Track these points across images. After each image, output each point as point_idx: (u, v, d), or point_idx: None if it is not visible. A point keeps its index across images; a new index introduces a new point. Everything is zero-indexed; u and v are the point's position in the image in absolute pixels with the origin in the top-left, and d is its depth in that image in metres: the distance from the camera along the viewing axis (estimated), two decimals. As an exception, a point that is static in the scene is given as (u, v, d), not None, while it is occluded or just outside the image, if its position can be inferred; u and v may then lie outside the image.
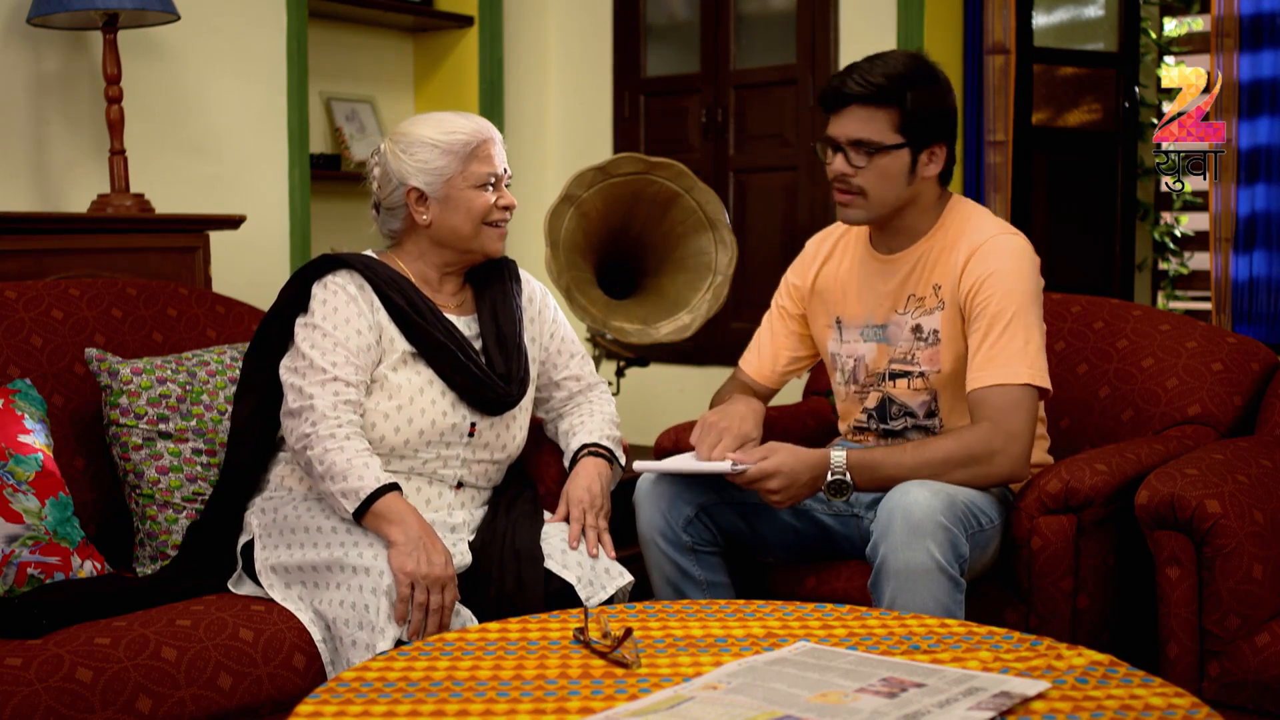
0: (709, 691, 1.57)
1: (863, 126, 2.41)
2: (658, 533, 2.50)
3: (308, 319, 2.35)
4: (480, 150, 2.39)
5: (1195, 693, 2.21)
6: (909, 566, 2.19)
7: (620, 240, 3.62)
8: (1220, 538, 2.24)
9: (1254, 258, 3.84)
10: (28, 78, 3.26)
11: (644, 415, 4.27)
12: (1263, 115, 3.80)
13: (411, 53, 4.73)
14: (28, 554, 2.21)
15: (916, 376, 2.51)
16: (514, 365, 2.45)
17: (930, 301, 2.49)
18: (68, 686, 1.90)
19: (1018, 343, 2.34)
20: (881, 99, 2.39)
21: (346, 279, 2.37)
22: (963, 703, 1.51)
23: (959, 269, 2.43)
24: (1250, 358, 2.81)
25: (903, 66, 2.41)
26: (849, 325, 2.61)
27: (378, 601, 2.11)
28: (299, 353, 2.32)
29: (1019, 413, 2.32)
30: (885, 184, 2.44)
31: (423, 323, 2.37)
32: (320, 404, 2.27)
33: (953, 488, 2.28)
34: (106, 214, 3.14)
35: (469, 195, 2.38)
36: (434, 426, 2.36)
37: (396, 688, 1.62)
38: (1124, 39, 4.40)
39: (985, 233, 2.44)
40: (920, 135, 2.42)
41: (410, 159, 2.38)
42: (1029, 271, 2.42)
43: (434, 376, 2.38)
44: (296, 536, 2.28)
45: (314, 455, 2.24)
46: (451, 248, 2.43)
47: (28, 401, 2.37)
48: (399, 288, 2.38)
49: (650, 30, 4.76)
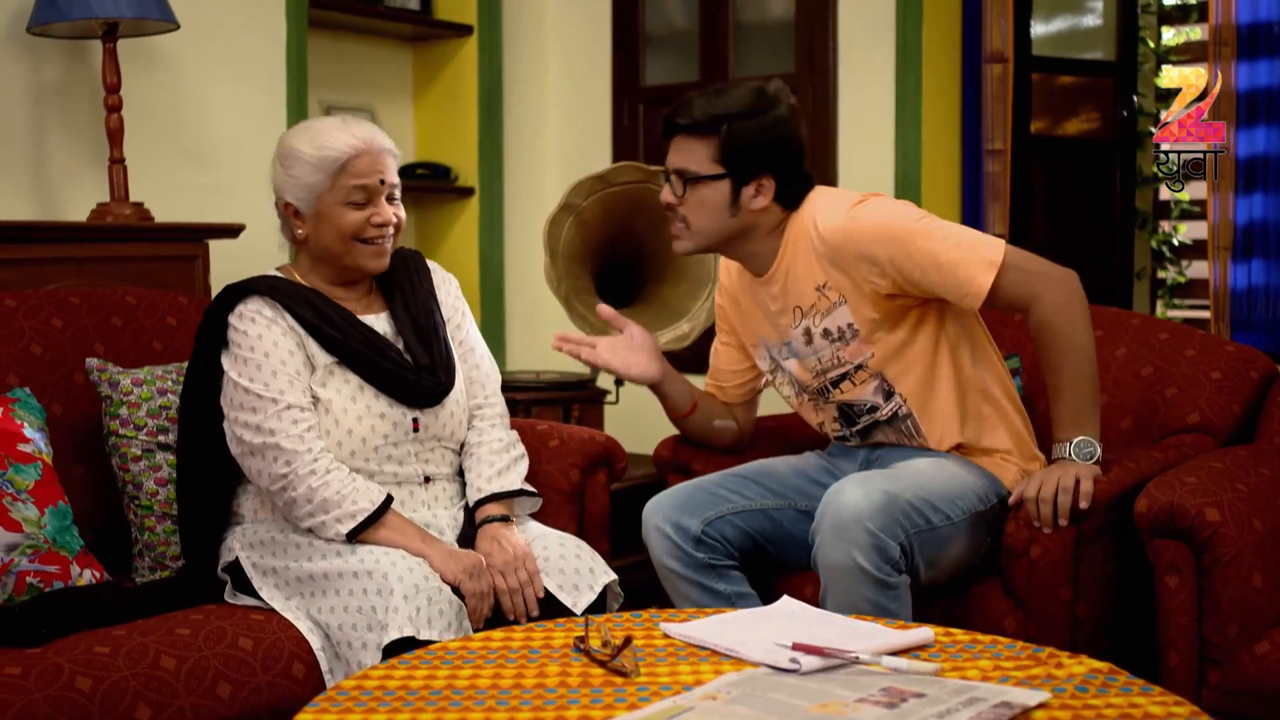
0: (708, 702, 1.56)
1: (685, 157, 2.47)
2: (673, 559, 2.49)
3: (236, 353, 2.31)
4: (352, 165, 2.32)
5: (1195, 701, 2.21)
6: (835, 566, 2.23)
7: (619, 249, 3.62)
8: (1219, 546, 2.24)
9: (1252, 266, 3.85)
10: (27, 86, 3.26)
11: (642, 425, 4.25)
12: (1260, 124, 3.81)
13: (411, 62, 4.73)
14: (27, 562, 2.21)
15: (856, 370, 2.51)
16: (436, 354, 2.43)
17: (823, 303, 2.48)
18: (67, 695, 1.90)
19: (961, 245, 2.36)
20: (701, 130, 2.44)
21: (259, 305, 2.33)
22: (963, 713, 1.51)
23: (845, 262, 2.42)
24: (1249, 366, 2.81)
25: (734, 99, 2.44)
26: (770, 344, 2.64)
27: (384, 601, 2.10)
28: (240, 388, 2.29)
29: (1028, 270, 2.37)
30: (705, 214, 2.48)
31: (337, 333, 2.34)
32: (286, 441, 2.25)
33: (904, 485, 2.30)
34: (106, 223, 3.14)
35: (338, 212, 2.33)
36: (375, 431, 2.35)
37: (396, 696, 1.62)
38: (1122, 48, 4.40)
39: (833, 224, 2.43)
40: (741, 167, 2.44)
41: (285, 172, 2.35)
42: (889, 209, 2.44)
43: (362, 383, 2.35)
44: (289, 553, 2.28)
45: (299, 495, 2.24)
46: (330, 264, 2.40)
47: (27, 410, 2.37)
48: (307, 301, 2.35)
49: (649, 39, 4.77)
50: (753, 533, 2.54)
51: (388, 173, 2.36)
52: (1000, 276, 2.36)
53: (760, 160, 2.44)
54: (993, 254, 2.37)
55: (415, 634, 2.06)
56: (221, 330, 2.34)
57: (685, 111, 2.46)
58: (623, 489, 3.57)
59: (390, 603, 2.09)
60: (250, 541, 2.33)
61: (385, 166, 2.36)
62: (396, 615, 2.08)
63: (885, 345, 2.48)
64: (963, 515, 2.38)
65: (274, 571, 2.27)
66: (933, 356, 2.49)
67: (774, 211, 2.49)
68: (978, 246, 2.38)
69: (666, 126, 2.50)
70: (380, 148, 2.36)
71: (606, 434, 2.81)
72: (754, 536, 2.54)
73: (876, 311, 2.45)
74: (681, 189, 2.47)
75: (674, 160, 2.49)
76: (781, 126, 2.46)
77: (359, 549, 2.21)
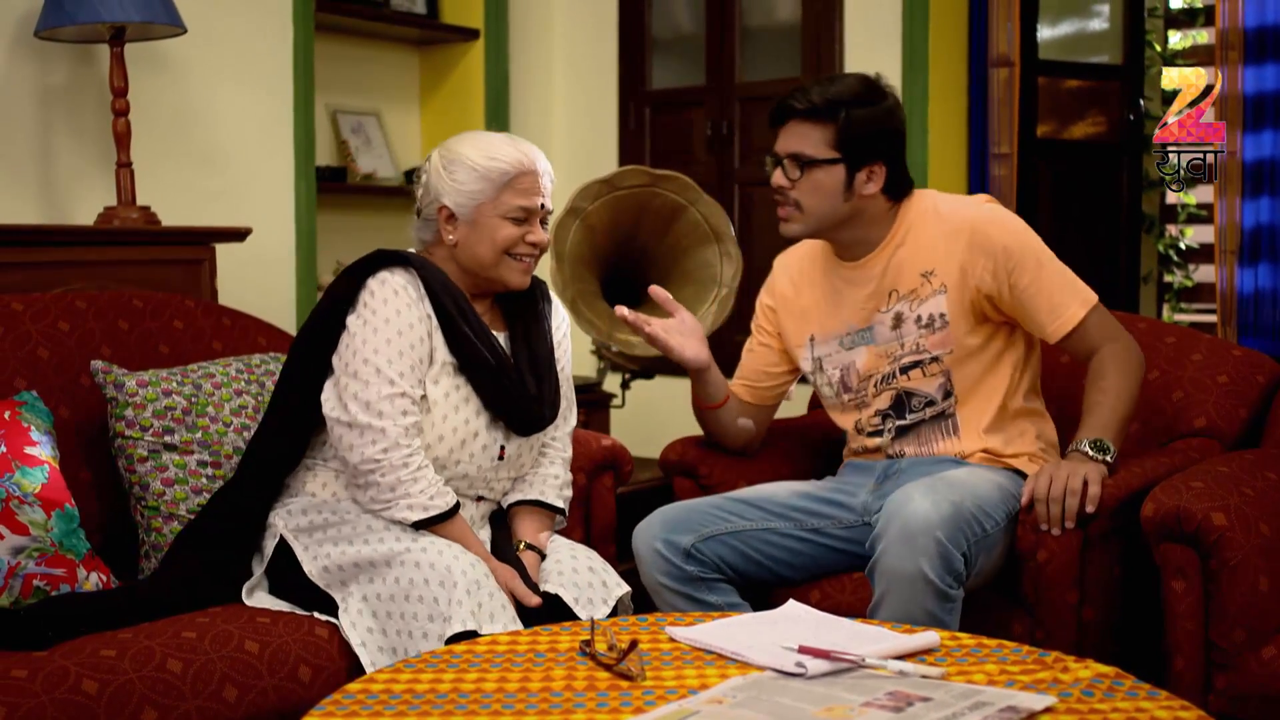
0: (714, 706, 1.56)
1: (800, 141, 2.52)
2: (663, 574, 2.49)
3: (364, 316, 2.28)
4: (518, 182, 2.34)
5: (1201, 706, 2.21)
6: (898, 573, 2.23)
7: (625, 253, 3.63)
8: (1226, 550, 2.23)
9: (1259, 270, 3.85)
10: (35, 90, 3.27)
11: (649, 428, 4.26)
12: (1267, 128, 3.81)
13: (417, 66, 4.74)
14: (34, 566, 2.21)
15: (930, 362, 2.56)
16: (546, 387, 2.42)
17: (924, 289, 2.54)
18: (73, 698, 1.90)
19: (1066, 274, 2.52)
20: (819, 115, 2.50)
21: (405, 279, 2.31)
22: (969, 717, 1.51)
23: (962, 251, 2.51)
24: (1255, 370, 2.81)
25: (846, 87, 2.52)
26: (824, 339, 2.66)
27: (447, 594, 2.10)
28: (360, 357, 2.26)
29: (1109, 320, 2.54)
30: (819, 198, 2.53)
31: (470, 334, 2.32)
32: (391, 429, 2.23)
33: (961, 494, 2.30)
34: (113, 226, 3.15)
35: (496, 224, 2.34)
36: (464, 446, 2.34)
37: (402, 699, 1.62)
38: (1128, 51, 4.40)
39: (968, 211, 2.55)
40: (856, 153, 2.50)
41: (448, 177, 2.34)
42: (1020, 222, 2.57)
43: (471, 393, 2.33)
44: (342, 533, 2.26)
45: (384, 482, 2.23)
46: (472, 273, 2.38)
47: (34, 413, 2.37)
48: (451, 294, 2.33)
49: (655, 43, 4.77)
50: (753, 553, 2.53)
51: (547, 197, 2.40)
52: (1089, 315, 2.50)
53: (874, 147, 2.51)
54: (1088, 295, 2.53)
55: (478, 628, 2.06)
56: (355, 291, 2.31)
57: (803, 97, 2.51)
58: (629, 492, 3.57)
59: (454, 595, 2.10)
60: (300, 526, 2.31)
61: (545, 191, 2.39)
62: (460, 609, 2.08)
63: (964, 346, 2.54)
64: (1006, 517, 2.41)
65: (325, 555, 2.26)
66: (994, 370, 2.57)
67: (880, 200, 2.56)
68: (1078, 285, 2.53)
69: (781, 112, 2.55)
70: (544, 169, 2.39)
71: (613, 438, 2.82)
72: (753, 558, 2.53)
73: (968, 309, 2.53)
74: (797, 172, 2.52)
75: (787, 144, 2.53)
76: (893, 116, 2.55)
77: (421, 538, 2.21)
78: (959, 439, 2.57)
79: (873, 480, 2.62)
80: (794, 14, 4.39)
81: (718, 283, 3.60)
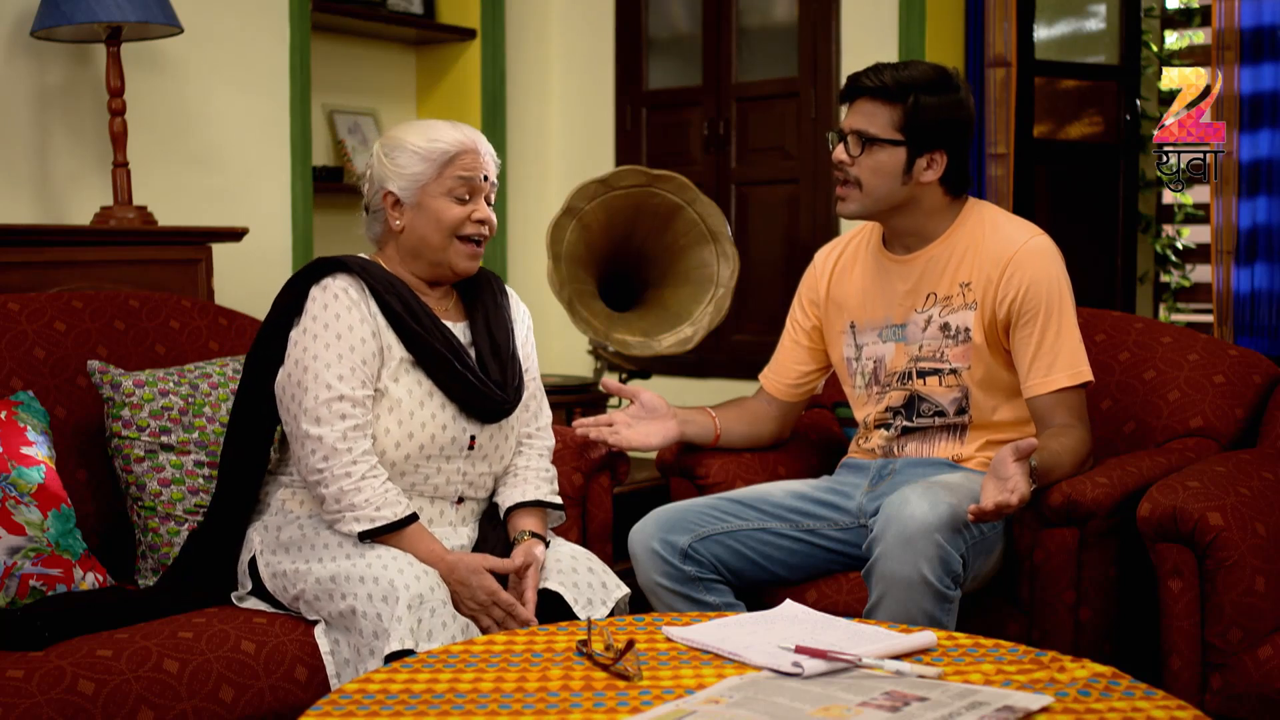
0: (711, 706, 1.56)
1: (866, 119, 2.53)
2: (660, 574, 2.49)
3: (305, 325, 2.29)
4: (460, 160, 2.35)
5: (1198, 705, 2.21)
6: (896, 576, 2.22)
7: (622, 253, 3.63)
8: (1222, 550, 2.23)
9: (1255, 270, 3.85)
10: (31, 90, 3.27)
11: (646, 427, 4.26)
12: (1263, 128, 3.81)
13: (414, 65, 4.74)
14: (30, 566, 2.21)
15: (948, 373, 2.56)
16: (509, 372, 2.43)
17: (958, 300, 2.54)
18: (69, 699, 1.90)
19: (1072, 342, 2.49)
20: (889, 95, 2.50)
21: (345, 283, 2.32)
22: (966, 717, 1.51)
23: (996, 274, 2.50)
24: (1252, 370, 2.81)
25: (920, 72, 2.52)
26: (865, 328, 2.67)
27: (390, 609, 2.10)
28: (300, 365, 2.27)
29: (1083, 408, 2.50)
30: (878, 178, 2.52)
31: (420, 330, 2.33)
32: (328, 435, 2.23)
33: (958, 496, 2.29)
34: (109, 226, 3.15)
35: (441, 205, 2.35)
36: (434, 441, 2.34)
37: (399, 700, 1.62)
38: (1125, 51, 4.40)
39: (1017, 237, 2.53)
40: (920, 138, 2.50)
41: (390, 162, 2.36)
42: (1063, 271, 2.53)
43: (433, 387, 2.34)
44: (303, 553, 2.27)
45: (328, 493, 2.23)
46: (423, 259, 2.39)
47: (30, 413, 2.37)
48: (396, 292, 2.34)
49: (652, 43, 4.77)
50: (749, 553, 2.53)
51: (490, 172, 2.40)
52: (1071, 390, 2.47)
53: (938, 135, 2.51)
54: (1083, 372, 2.49)
55: (414, 647, 2.05)
56: (299, 300, 2.32)
57: (875, 76, 2.52)
58: (625, 492, 3.57)
59: (395, 611, 2.09)
60: (269, 544, 2.32)
61: (489, 166, 2.40)
62: (399, 625, 2.07)
63: (986, 367, 2.54)
64: (1003, 521, 2.40)
65: (285, 575, 2.27)
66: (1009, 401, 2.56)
67: (937, 192, 2.56)
68: (1078, 359, 2.49)
69: (851, 88, 2.55)
70: (486, 150, 2.40)
71: (609, 438, 2.81)
72: (750, 558, 2.53)
73: (988, 330, 2.52)
74: (858, 149, 2.52)
75: (854, 121, 2.54)
76: (962, 107, 2.55)
77: (368, 553, 2.20)
78: (961, 444, 2.57)
79: (866, 481, 2.62)
80: (791, 14, 4.39)
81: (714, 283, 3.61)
